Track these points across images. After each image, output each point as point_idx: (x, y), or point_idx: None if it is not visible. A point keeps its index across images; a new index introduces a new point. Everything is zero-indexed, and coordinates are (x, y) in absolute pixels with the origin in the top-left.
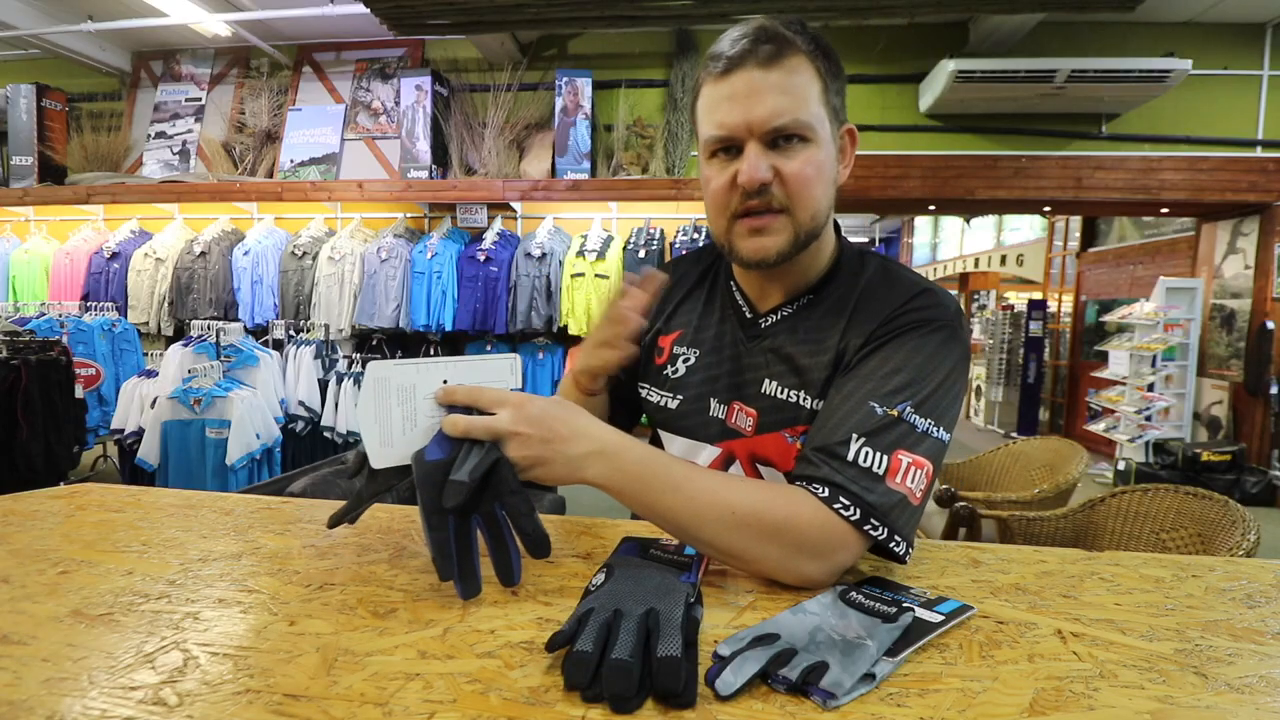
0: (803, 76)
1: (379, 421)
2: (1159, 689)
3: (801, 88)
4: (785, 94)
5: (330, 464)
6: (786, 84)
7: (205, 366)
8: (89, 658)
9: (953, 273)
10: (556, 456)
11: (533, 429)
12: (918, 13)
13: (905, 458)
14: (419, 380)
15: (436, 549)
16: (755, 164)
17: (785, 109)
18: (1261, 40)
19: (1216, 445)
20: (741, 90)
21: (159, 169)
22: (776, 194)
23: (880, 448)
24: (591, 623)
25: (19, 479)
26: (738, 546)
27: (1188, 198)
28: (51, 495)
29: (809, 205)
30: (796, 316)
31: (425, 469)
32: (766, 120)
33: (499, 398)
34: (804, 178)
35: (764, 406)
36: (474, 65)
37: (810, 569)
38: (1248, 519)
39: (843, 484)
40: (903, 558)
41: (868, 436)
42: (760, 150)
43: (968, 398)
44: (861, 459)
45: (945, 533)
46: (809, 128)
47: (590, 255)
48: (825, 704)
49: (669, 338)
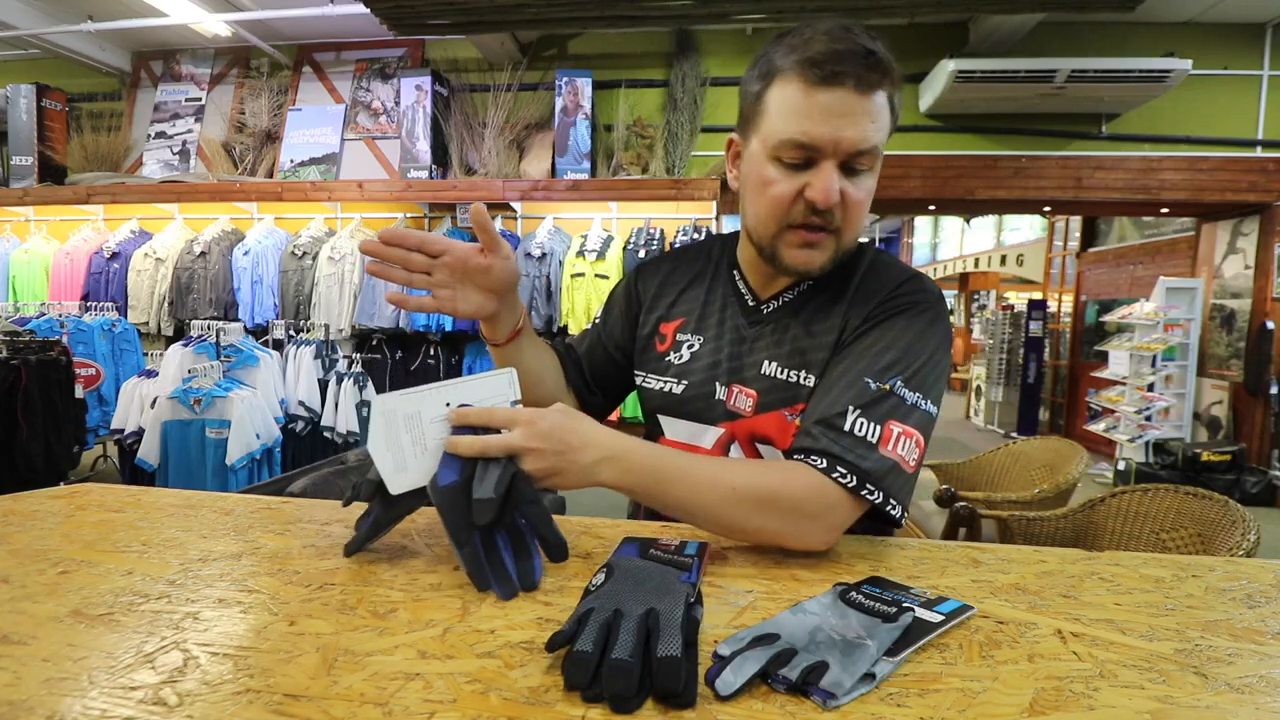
0: (884, 109)
1: (391, 450)
2: (1159, 689)
3: (884, 117)
4: (873, 122)
5: (330, 464)
6: (875, 112)
7: (205, 366)
8: (89, 658)
9: (953, 273)
10: (570, 466)
11: (546, 443)
12: (918, 13)
13: (896, 427)
14: (423, 407)
15: (471, 564)
16: (834, 186)
17: (869, 137)
18: (1261, 40)
19: (1216, 445)
20: (837, 108)
21: (159, 169)
22: (837, 215)
23: (874, 418)
24: (591, 623)
25: (19, 479)
26: (740, 519)
27: (1188, 198)
28: (51, 495)
29: (856, 229)
30: (798, 301)
31: (443, 493)
32: (854, 145)
33: (510, 416)
34: (860, 206)
35: (764, 387)
36: (474, 65)
37: (808, 530)
38: (1248, 519)
39: (839, 454)
40: (898, 520)
41: (863, 409)
42: (835, 172)
43: (968, 397)
44: (857, 429)
45: (945, 533)
46: (879, 156)
47: (590, 255)
48: (825, 704)
49: (672, 325)
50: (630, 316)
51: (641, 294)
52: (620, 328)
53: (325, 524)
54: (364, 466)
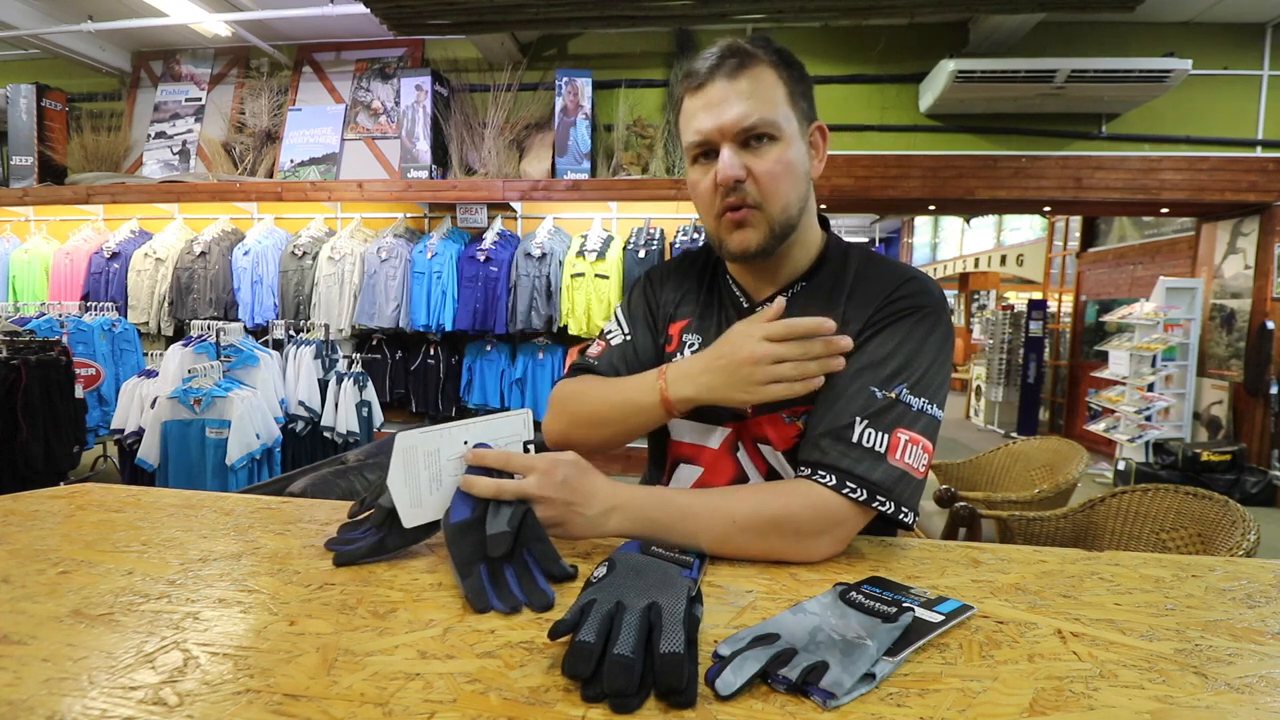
0: (767, 82)
1: (408, 485)
2: (1159, 689)
3: (766, 92)
4: (751, 98)
5: (330, 464)
6: (752, 90)
7: (205, 366)
8: (89, 658)
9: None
10: (576, 518)
11: (558, 493)
12: (918, 13)
13: (904, 435)
14: (442, 445)
15: (473, 594)
16: (729, 163)
17: (752, 111)
18: (1261, 40)
19: (1216, 445)
20: (715, 99)
21: (159, 169)
22: (750, 190)
23: (881, 428)
24: (594, 614)
25: (19, 479)
26: (745, 546)
27: (1188, 198)
28: (51, 495)
29: (779, 199)
30: (791, 303)
31: (454, 529)
32: (737, 122)
33: (527, 463)
34: (774, 174)
35: None
36: (474, 65)
37: (815, 546)
38: (1248, 519)
39: (848, 468)
40: (910, 525)
41: (870, 419)
42: (733, 150)
43: (968, 397)
44: (865, 440)
45: (945, 533)
46: (775, 126)
47: (590, 255)
48: (825, 704)
49: (678, 325)
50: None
51: (662, 302)
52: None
53: (325, 524)
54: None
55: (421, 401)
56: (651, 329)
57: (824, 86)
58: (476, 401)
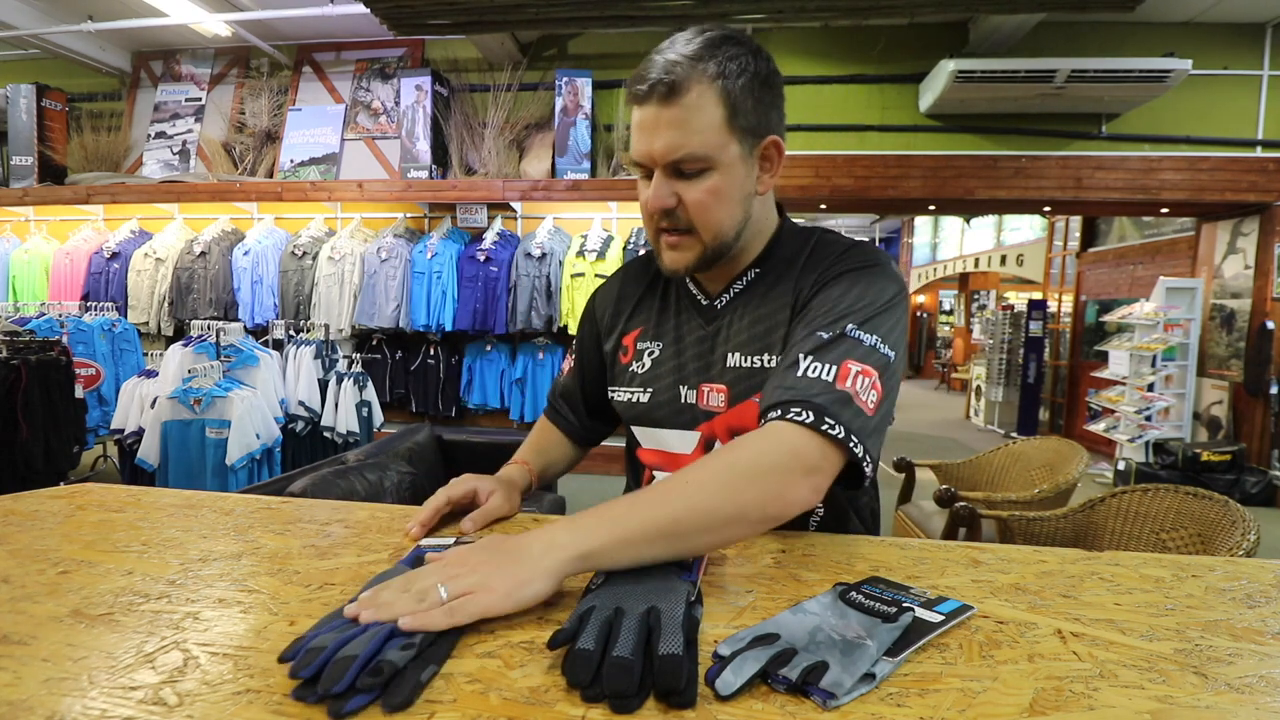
0: (703, 107)
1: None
2: (1159, 689)
3: (700, 119)
4: (682, 129)
5: (330, 464)
6: (684, 118)
7: (205, 366)
8: (89, 658)
9: (953, 273)
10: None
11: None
12: (918, 13)
13: (854, 366)
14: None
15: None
16: (659, 192)
17: (679, 144)
18: (1261, 40)
19: (1216, 445)
20: (647, 123)
21: (159, 169)
22: (681, 217)
23: (828, 360)
24: (593, 620)
25: (19, 479)
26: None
27: (1188, 198)
28: (51, 495)
29: (711, 227)
30: (749, 289)
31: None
32: (665, 154)
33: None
34: (703, 205)
35: (732, 379)
36: (474, 65)
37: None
38: (1248, 519)
39: (792, 398)
40: (862, 463)
41: (815, 354)
42: (664, 178)
43: (968, 397)
44: (810, 371)
45: (945, 533)
46: (706, 158)
47: (590, 255)
48: (825, 704)
49: (631, 335)
50: (594, 340)
51: (599, 316)
52: (591, 354)
53: (325, 524)
54: (364, 466)
55: (421, 402)
56: (591, 341)
57: (824, 86)
58: (476, 401)
